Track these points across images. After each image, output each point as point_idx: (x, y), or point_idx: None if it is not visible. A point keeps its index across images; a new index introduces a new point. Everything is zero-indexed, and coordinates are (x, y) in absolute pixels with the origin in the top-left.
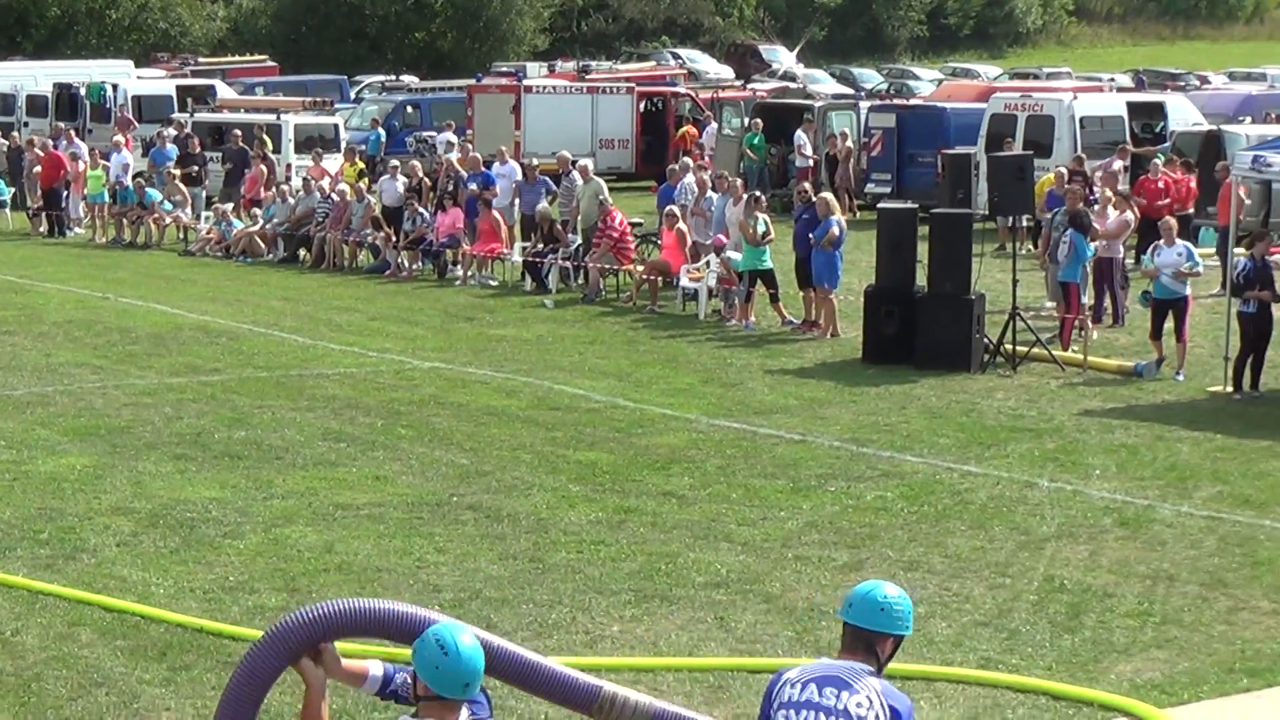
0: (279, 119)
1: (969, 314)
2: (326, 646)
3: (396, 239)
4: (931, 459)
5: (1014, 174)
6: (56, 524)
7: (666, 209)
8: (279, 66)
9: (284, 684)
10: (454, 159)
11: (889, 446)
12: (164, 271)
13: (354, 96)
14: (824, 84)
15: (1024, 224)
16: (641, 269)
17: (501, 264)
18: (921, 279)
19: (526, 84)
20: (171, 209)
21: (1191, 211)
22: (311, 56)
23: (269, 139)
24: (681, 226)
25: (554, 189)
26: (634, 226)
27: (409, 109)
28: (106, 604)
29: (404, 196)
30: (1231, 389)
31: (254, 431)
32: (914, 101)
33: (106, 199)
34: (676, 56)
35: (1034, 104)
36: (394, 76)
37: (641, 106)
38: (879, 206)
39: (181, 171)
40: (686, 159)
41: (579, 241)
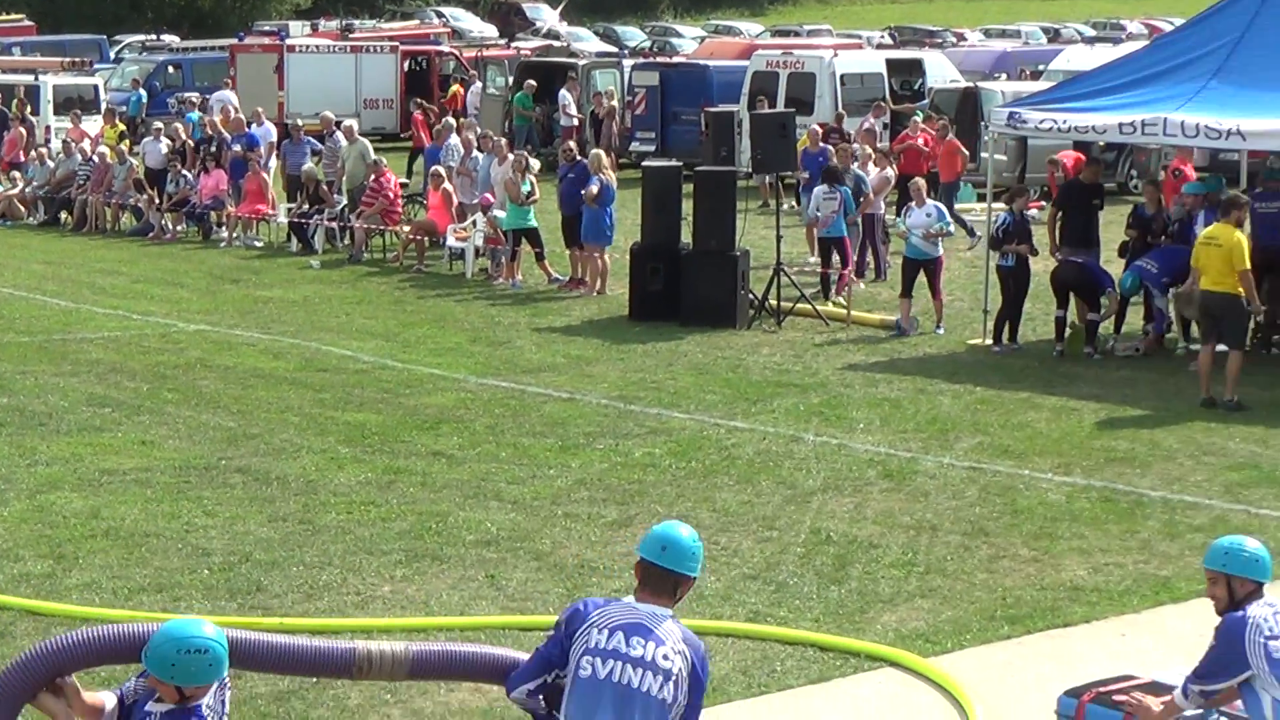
0: (37, 80)
1: (734, 270)
2: (66, 680)
3: (160, 201)
4: (698, 415)
5: (776, 131)
6: None
7: (432, 169)
8: (36, 26)
9: None
10: (216, 120)
11: (656, 403)
12: None
13: (114, 56)
14: (587, 42)
15: (787, 181)
16: (408, 229)
17: (267, 225)
18: (686, 236)
19: (289, 43)
20: None
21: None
22: (70, 15)
23: (27, 100)
24: (447, 186)
25: (319, 149)
26: (401, 187)
27: (170, 69)
28: None
29: (167, 158)
30: (991, 342)
31: (16, 398)
32: (677, 59)
33: None
34: (440, 15)
35: (795, 61)
36: (154, 36)
37: (406, 66)
38: (643, 165)
39: None
40: (450, 119)
41: (344, 202)
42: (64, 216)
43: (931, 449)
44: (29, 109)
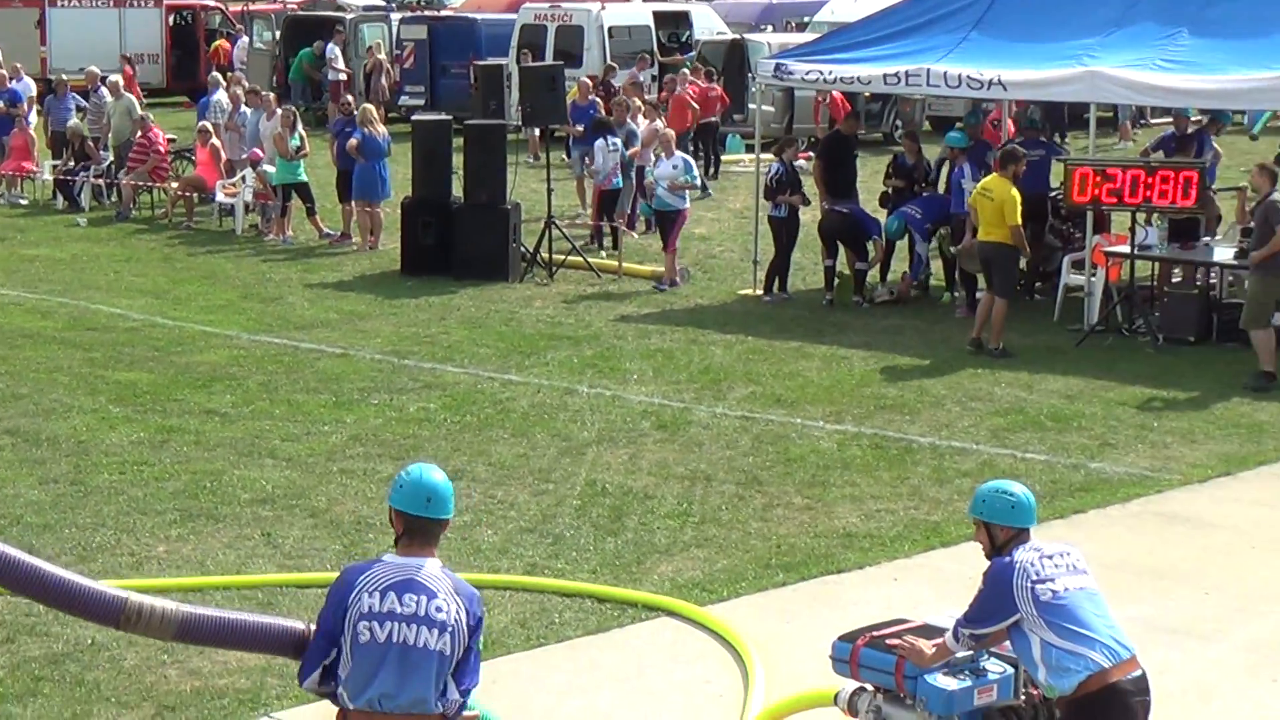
0: None
1: (505, 224)
2: None
3: None
4: (472, 369)
5: (545, 84)
6: None
7: (200, 124)
8: None
9: None
10: None
11: (430, 358)
12: None
13: None
14: None
15: (557, 133)
16: (176, 185)
17: (32, 183)
18: (457, 190)
19: None
20: None
21: (718, 120)
22: None
23: None
24: (215, 142)
25: (84, 105)
26: (169, 143)
27: None
28: None
29: None
30: (761, 292)
31: None
32: (445, 13)
33: None
34: None
35: (563, 14)
36: None
37: (170, 20)
38: (413, 119)
39: None
40: (217, 74)
41: (110, 159)
42: None
43: (704, 399)
44: None
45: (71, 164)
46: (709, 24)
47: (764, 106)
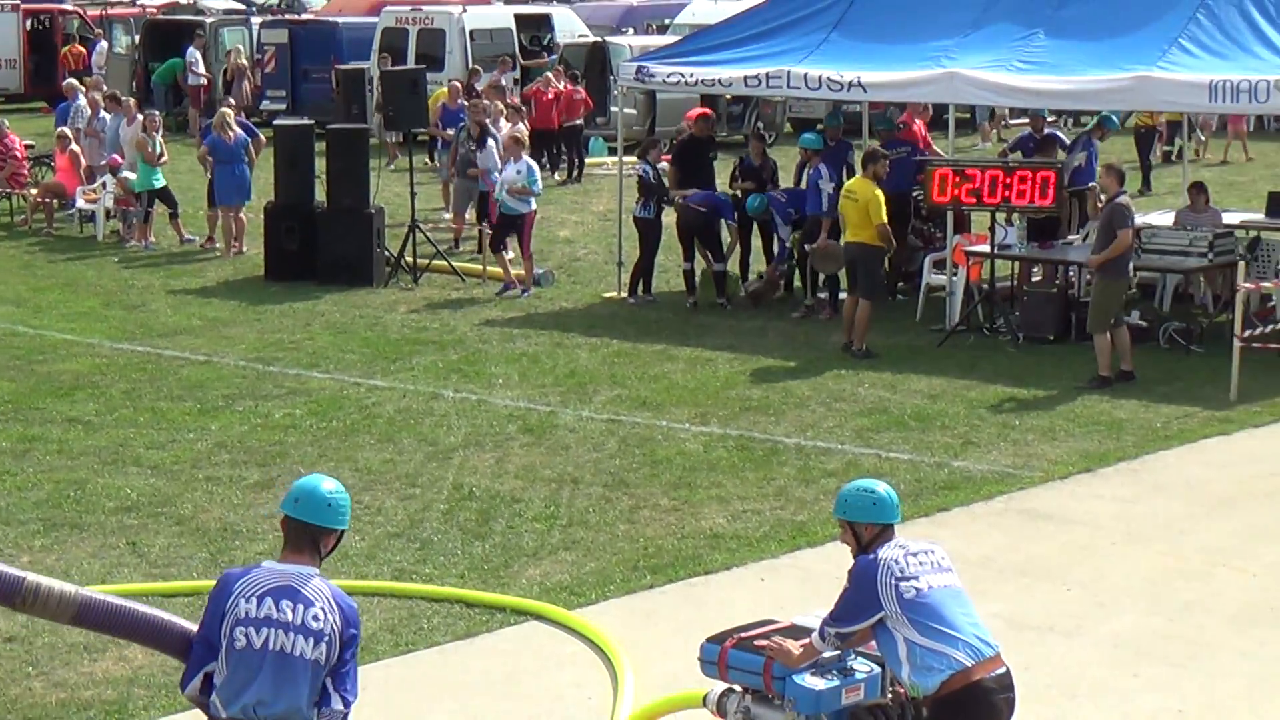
0: None
1: (369, 228)
2: None
3: None
4: (338, 374)
5: (408, 88)
6: None
7: (59, 130)
8: None
9: None
10: None
11: (295, 364)
12: None
13: None
14: (214, 0)
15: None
16: (35, 191)
17: None
18: (320, 195)
19: None
20: None
21: (581, 123)
22: None
23: None
24: (75, 148)
25: None
26: (27, 149)
27: None
28: None
29: None
30: (626, 294)
31: None
32: (306, 17)
33: None
34: None
35: (424, 18)
36: None
37: (28, 25)
38: (275, 123)
39: None
40: (73, 80)
41: None
42: None
43: (570, 402)
44: None
45: None
46: (570, 27)
47: (626, 109)
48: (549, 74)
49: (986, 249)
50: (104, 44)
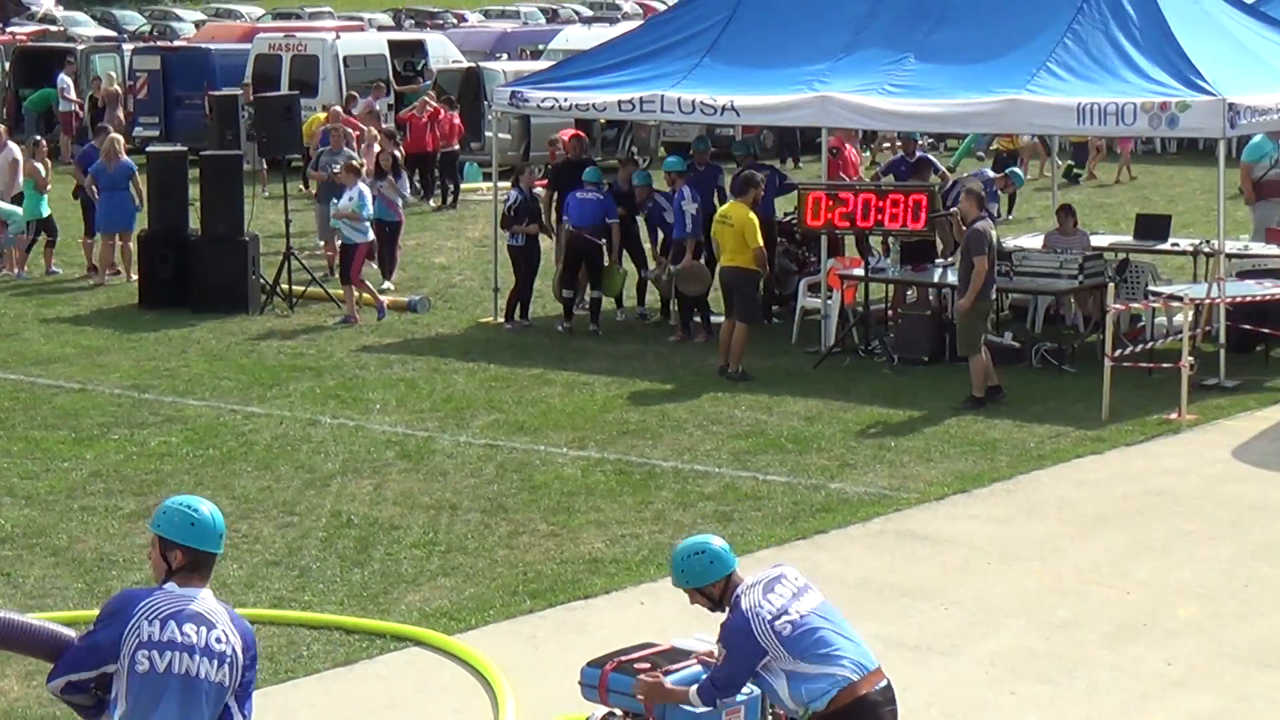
0: None
1: (244, 255)
2: None
3: None
4: (214, 401)
5: (281, 114)
6: None
7: None
8: None
9: None
10: None
11: (171, 391)
12: None
13: None
14: (85, 27)
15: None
16: None
17: None
18: (195, 222)
19: None
20: None
21: (457, 148)
22: None
23: None
24: None
25: None
26: None
27: None
28: None
29: None
30: (503, 320)
31: None
32: (178, 43)
33: None
34: None
35: (298, 44)
36: None
37: None
38: (148, 150)
39: None
40: None
41: None
42: None
43: (448, 428)
44: None
45: None
46: (444, 52)
47: (501, 134)
48: (424, 98)
49: (861, 272)
50: None
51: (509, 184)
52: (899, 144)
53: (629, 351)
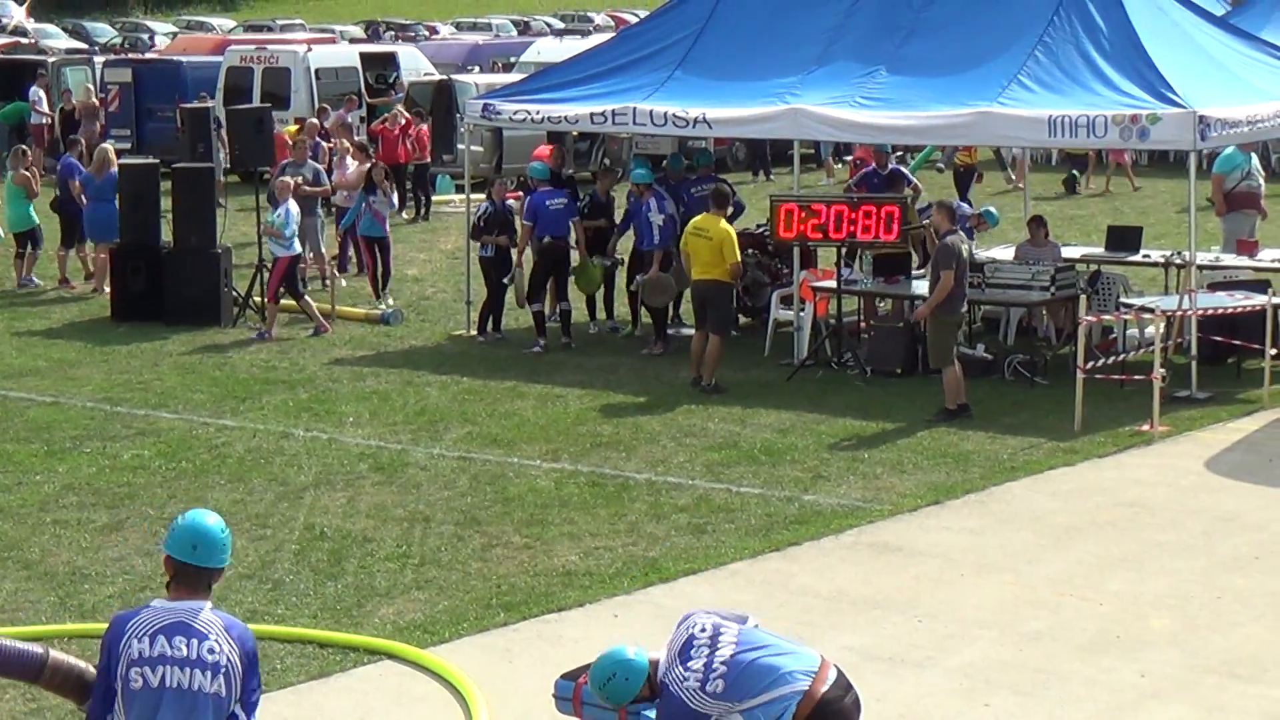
0: None
1: (216, 268)
2: None
3: None
4: (187, 415)
5: (254, 127)
6: None
7: None
8: None
9: None
10: None
11: (144, 404)
12: None
13: None
14: (57, 39)
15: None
16: None
17: None
18: (167, 234)
19: None
20: None
21: (429, 161)
22: None
23: None
24: None
25: None
26: None
27: None
28: None
29: None
30: (475, 332)
31: None
32: (150, 56)
33: None
34: None
35: (270, 56)
36: None
37: None
38: (120, 162)
39: None
40: None
41: None
42: None
43: (421, 440)
44: None
45: None
46: (416, 65)
47: (473, 146)
48: (396, 109)
49: (833, 284)
50: None
51: (482, 196)
52: (856, 158)
53: (602, 364)
